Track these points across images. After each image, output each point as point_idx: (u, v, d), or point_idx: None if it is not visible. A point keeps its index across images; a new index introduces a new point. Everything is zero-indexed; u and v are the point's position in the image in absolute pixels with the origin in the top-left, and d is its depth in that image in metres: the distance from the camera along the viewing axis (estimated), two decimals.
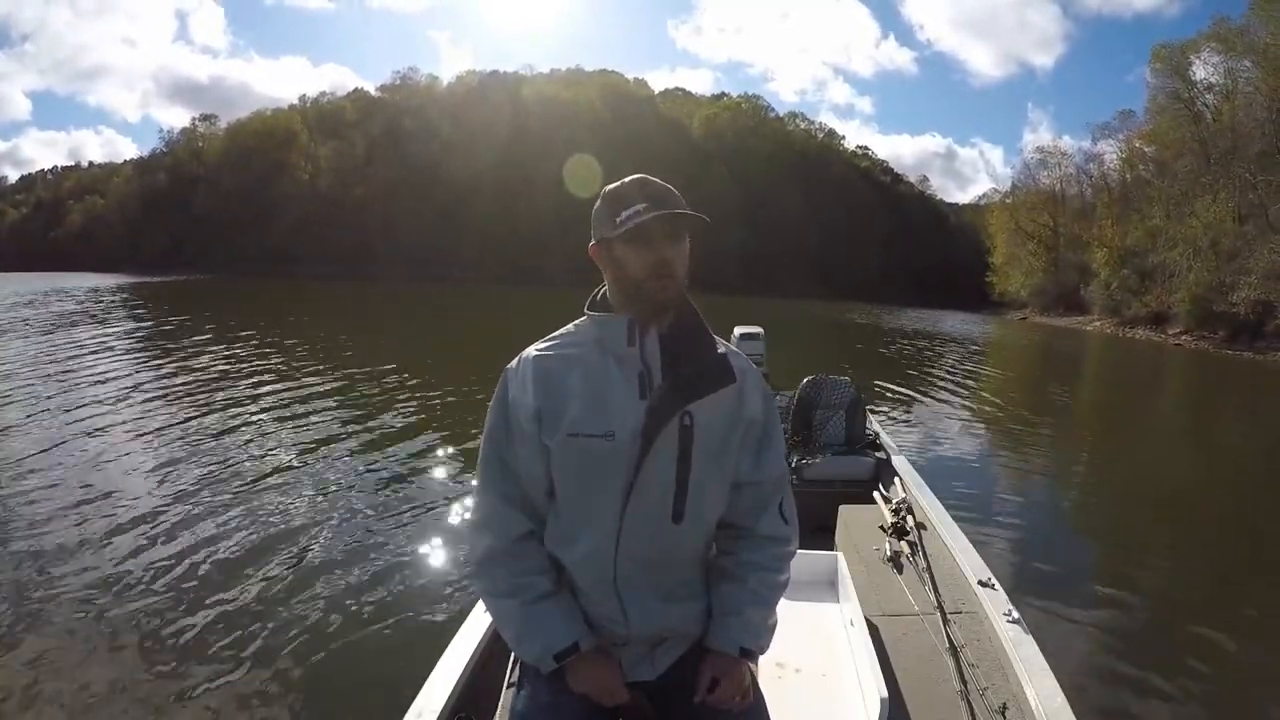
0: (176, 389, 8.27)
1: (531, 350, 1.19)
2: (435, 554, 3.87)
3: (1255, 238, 27.46)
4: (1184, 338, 29.03)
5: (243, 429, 6.42)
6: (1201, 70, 33.98)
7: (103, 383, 8.33)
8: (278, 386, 8.52)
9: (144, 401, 7.47)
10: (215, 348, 11.69)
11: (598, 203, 1.16)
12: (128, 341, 12.61)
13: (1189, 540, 5.06)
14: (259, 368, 9.84)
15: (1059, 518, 5.61)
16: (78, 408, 6.97)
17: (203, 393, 8.04)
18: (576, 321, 1.22)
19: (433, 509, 4.54)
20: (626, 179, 1.16)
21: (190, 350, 11.44)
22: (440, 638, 1.86)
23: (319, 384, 8.76)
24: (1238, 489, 6.86)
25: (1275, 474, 7.75)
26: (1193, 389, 17.39)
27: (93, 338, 12.62)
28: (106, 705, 2.50)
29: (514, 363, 1.19)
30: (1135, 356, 24.43)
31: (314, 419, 6.91)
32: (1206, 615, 3.69)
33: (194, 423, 6.59)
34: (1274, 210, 27.23)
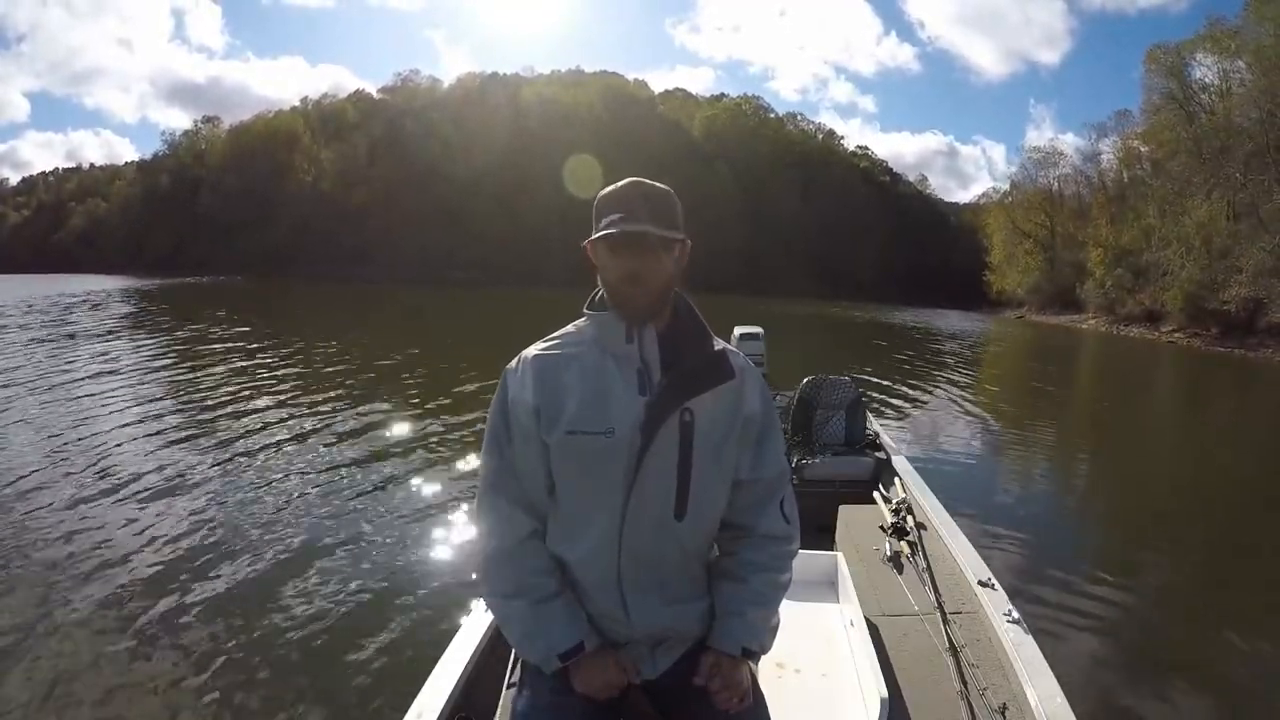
0: (182, 390, 8.28)
1: (531, 350, 1.20)
2: (435, 554, 3.87)
3: (1247, 236, 27.49)
4: (1177, 335, 29.09)
5: (245, 430, 6.42)
6: (1197, 71, 34.09)
7: (110, 384, 8.34)
8: (279, 388, 8.52)
9: (152, 403, 7.46)
10: (220, 348, 11.71)
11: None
12: (141, 345, 12.61)
13: (1188, 538, 5.06)
14: (263, 369, 9.83)
15: (1059, 517, 5.61)
16: (91, 406, 6.99)
17: (208, 395, 8.04)
18: (576, 322, 1.23)
19: (433, 509, 4.55)
20: (620, 183, 1.16)
21: (195, 351, 11.45)
22: (440, 638, 1.86)
23: (321, 385, 8.76)
24: (1234, 486, 6.85)
25: (1270, 471, 7.75)
26: (1187, 386, 17.41)
27: (113, 343, 12.64)
28: (104, 705, 2.51)
29: (514, 362, 1.20)
30: (1129, 354, 24.49)
31: (314, 420, 6.91)
32: (1206, 614, 3.70)
33: (199, 424, 6.60)
34: (1266, 209, 27.23)
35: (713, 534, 1.25)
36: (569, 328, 1.23)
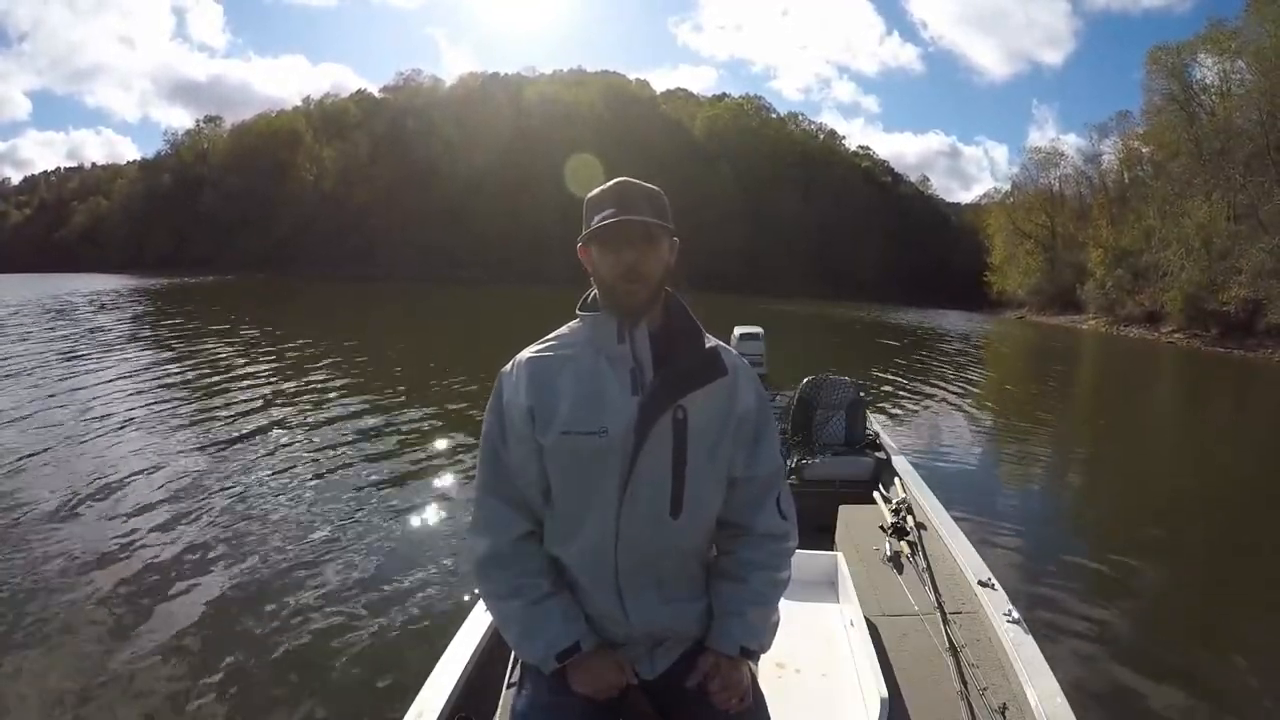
0: (182, 387, 8.28)
1: (525, 352, 1.21)
2: (435, 554, 3.86)
3: (1246, 237, 27.51)
4: (1176, 336, 29.14)
5: (246, 430, 6.42)
6: (1198, 72, 34.08)
7: (111, 379, 8.34)
8: (280, 386, 8.53)
9: (153, 400, 7.46)
10: (219, 347, 11.70)
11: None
12: (150, 346, 12.61)
13: (1188, 538, 5.06)
14: (265, 368, 9.84)
15: (1059, 517, 5.60)
16: (97, 403, 6.99)
17: (209, 392, 8.05)
18: (569, 323, 1.23)
19: (433, 509, 4.55)
20: (608, 183, 1.18)
21: (194, 349, 11.45)
22: (440, 638, 1.86)
23: (320, 384, 8.76)
24: (1234, 486, 6.85)
25: (1269, 471, 7.75)
26: (1186, 387, 17.44)
27: (125, 343, 12.66)
28: (103, 705, 2.50)
29: (508, 365, 1.21)
30: (1129, 354, 24.53)
31: (314, 419, 6.92)
32: (1206, 613, 3.70)
33: (203, 424, 6.60)
34: (1265, 210, 27.25)
35: (710, 532, 1.25)
36: (562, 329, 1.24)
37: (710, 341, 1.22)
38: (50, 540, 3.83)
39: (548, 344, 1.21)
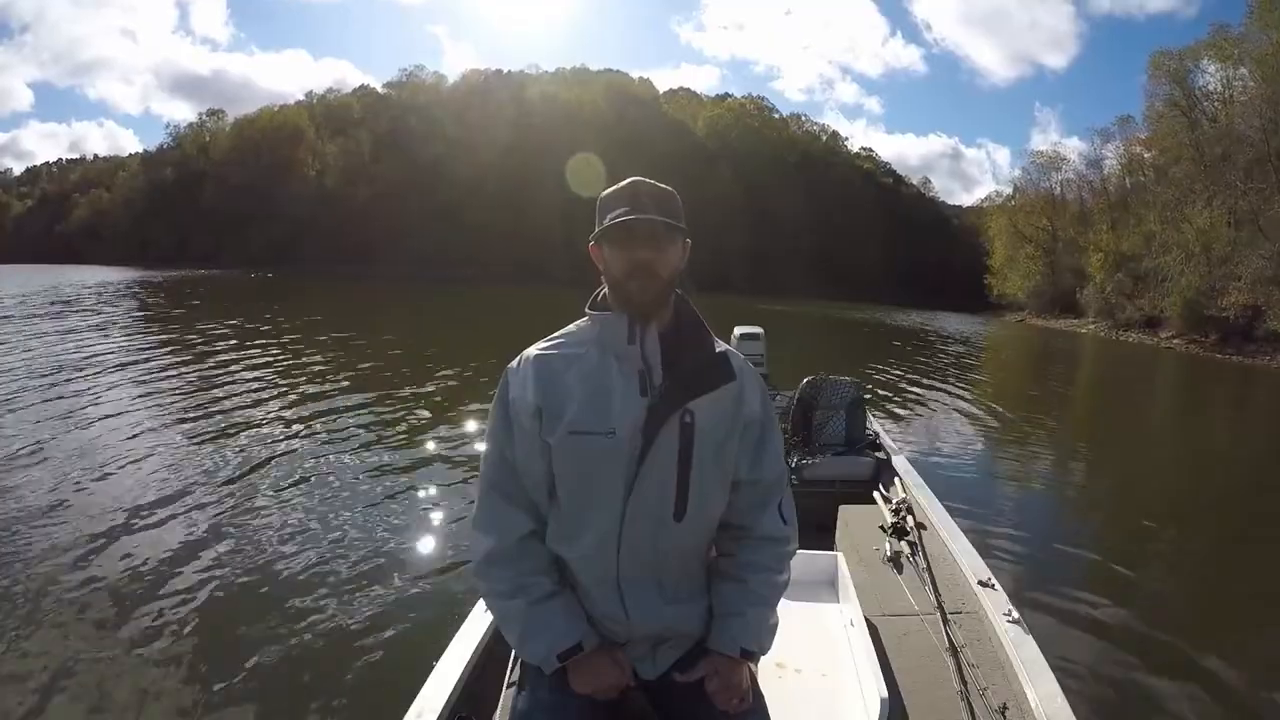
0: (179, 384, 8.27)
1: (532, 350, 1.20)
2: (436, 553, 3.86)
3: (1246, 243, 27.57)
4: (1175, 341, 29.19)
5: (245, 426, 6.41)
6: (1201, 78, 34.15)
7: (113, 378, 8.33)
8: (281, 384, 8.51)
9: (151, 397, 7.46)
10: (221, 343, 11.69)
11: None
12: (157, 340, 12.60)
13: (1188, 539, 5.07)
14: (264, 364, 9.82)
15: (1059, 518, 5.61)
16: (96, 401, 6.99)
17: (208, 388, 8.03)
18: (577, 322, 1.23)
19: (434, 508, 4.54)
20: (622, 181, 1.17)
21: (194, 346, 11.43)
22: (440, 638, 1.85)
23: (322, 381, 8.76)
24: (1233, 488, 6.86)
25: (1268, 475, 7.75)
26: (1186, 391, 17.45)
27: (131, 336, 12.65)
28: (101, 705, 2.50)
29: (515, 362, 1.20)
30: (1129, 358, 24.53)
31: (316, 417, 6.90)
32: (1206, 614, 3.70)
33: (200, 419, 6.59)
34: (1265, 217, 27.30)
35: (712, 534, 1.25)
36: (570, 327, 1.23)
37: (719, 345, 1.22)
38: (47, 535, 3.82)
39: (555, 342, 1.21)
